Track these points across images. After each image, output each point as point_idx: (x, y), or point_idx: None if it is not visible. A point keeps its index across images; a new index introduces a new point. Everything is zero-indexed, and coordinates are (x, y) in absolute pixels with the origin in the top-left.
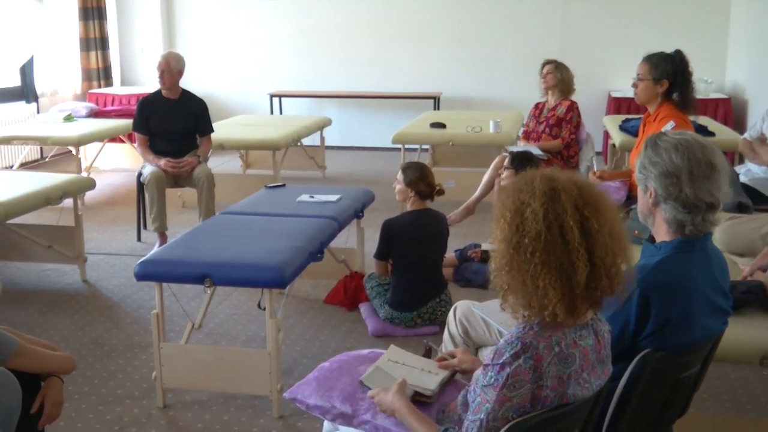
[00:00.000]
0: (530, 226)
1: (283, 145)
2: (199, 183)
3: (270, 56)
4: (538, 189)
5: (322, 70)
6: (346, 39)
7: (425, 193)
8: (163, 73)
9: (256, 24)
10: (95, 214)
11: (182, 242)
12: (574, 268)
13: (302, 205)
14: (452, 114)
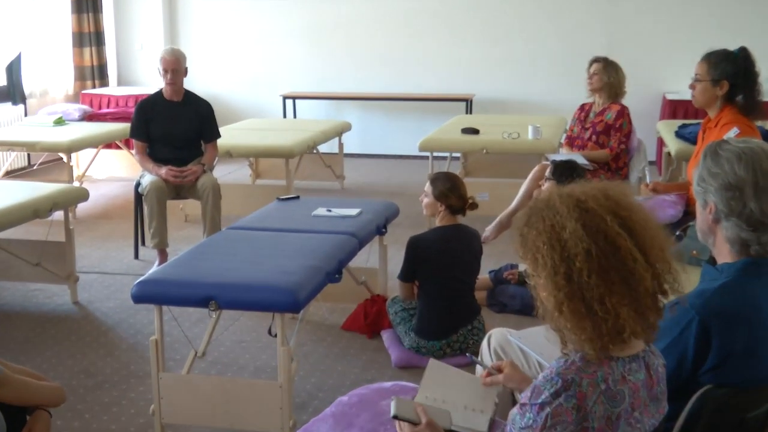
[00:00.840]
0: (575, 247)
1: (297, 152)
2: (203, 194)
3: (283, 53)
4: (564, 206)
5: (341, 69)
6: (367, 34)
7: (456, 207)
8: (172, 73)
9: (268, 18)
10: (88, 229)
11: (184, 260)
12: (635, 275)
13: (318, 219)
14: (486, 118)
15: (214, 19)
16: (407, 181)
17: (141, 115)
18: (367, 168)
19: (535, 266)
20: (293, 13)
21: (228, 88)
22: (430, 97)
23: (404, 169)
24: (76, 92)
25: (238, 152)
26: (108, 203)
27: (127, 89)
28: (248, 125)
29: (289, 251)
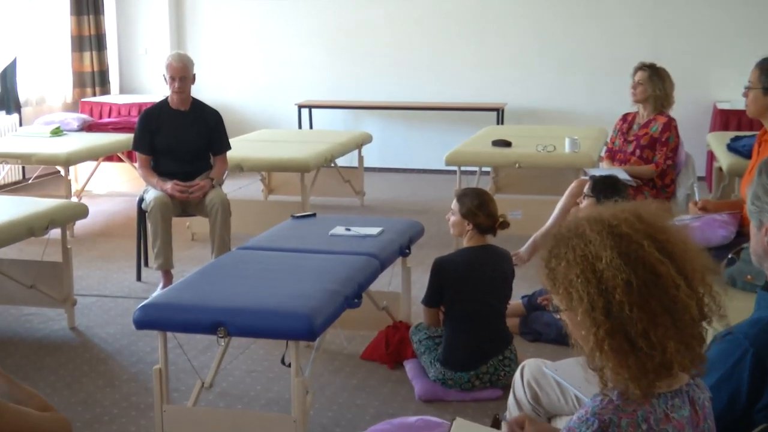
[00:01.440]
0: (614, 278)
1: (313, 165)
2: (212, 211)
3: (298, 59)
4: (596, 233)
5: (361, 76)
6: (390, 38)
7: (485, 226)
8: (179, 81)
9: (282, 21)
10: (87, 248)
11: (191, 283)
12: (678, 304)
13: (336, 239)
14: (519, 129)
15: (224, 22)
16: (433, 197)
17: (145, 126)
18: (389, 183)
19: (569, 302)
20: (310, 16)
21: (239, 97)
22: (458, 107)
23: (429, 184)
24: (75, 100)
25: (249, 166)
26: (109, 220)
27: (130, 97)
28: (260, 136)
29: (304, 274)
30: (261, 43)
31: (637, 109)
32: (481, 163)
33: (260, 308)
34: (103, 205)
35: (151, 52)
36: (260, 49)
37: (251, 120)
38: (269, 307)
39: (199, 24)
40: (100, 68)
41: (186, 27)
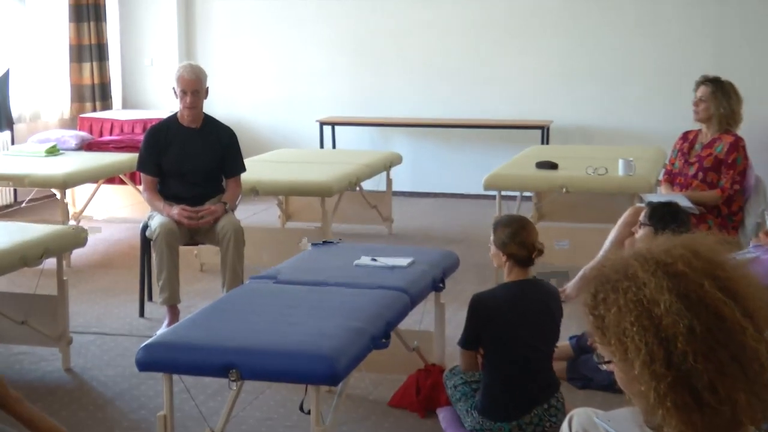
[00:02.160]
0: (674, 325)
1: (335, 189)
2: (223, 239)
3: (320, 71)
4: (649, 274)
5: (390, 90)
6: (422, 48)
7: (521, 258)
8: (191, 95)
9: (302, 29)
10: (85, 280)
11: (200, 319)
12: (746, 349)
13: (361, 270)
14: (566, 150)
15: (239, 30)
16: (469, 225)
17: (151, 144)
18: (421, 209)
19: (623, 353)
20: (333, 24)
21: (254, 113)
22: (499, 124)
23: (466, 211)
24: (73, 116)
25: (265, 189)
26: (109, 249)
27: (134, 113)
28: (278, 157)
29: (325, 310)
30: (279, 53)
31: (700, 126)
32: (524, 188)
33: (276, 348)
34: (104, 232)
35: (157, 62)
36: (278, 60)
37: (268, 138)
38: (287, 348)
39: (210, 32)
40: (101, 81)
41: (196, 35)
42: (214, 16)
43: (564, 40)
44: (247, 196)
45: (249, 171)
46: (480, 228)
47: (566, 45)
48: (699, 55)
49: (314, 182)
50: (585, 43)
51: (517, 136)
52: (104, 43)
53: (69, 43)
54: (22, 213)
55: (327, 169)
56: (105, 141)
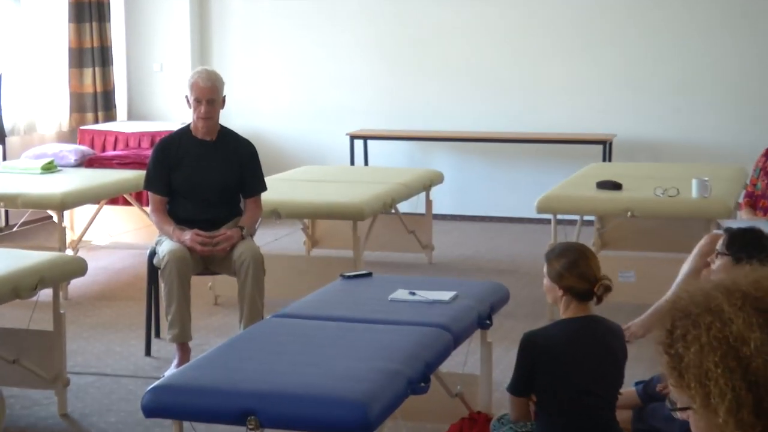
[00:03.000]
0: (765, 367)
1: (368, 212)
2: (241, 269)
3: (351, 78)
4: (737, 308)
5: (429, 100)
6: (465, 53)
7: (580, 292)
8: (207, 105)
9: (331, 32)
10: (85, 314)
11: (214, 359)
12: None
13: (397, 305)
14: (631, 168)
15: (259, 32)
16: (521, 254)
17: (160, 160)
18: (465, 235)
19: (705, 399)
20: (366, 25)
21: (276, 125)
22: (554, 138)
23: (516, 237)
24: (73, 128)
25: (288, 211)
26: (112, 279)
27: (141, 125)
28: (303, 174)
29: (357, 349)
30: (305, 58)
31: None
32: (583, 211)
33: (301, 393)
34: (106, 259)
35: (167, 68)
36: (304, 66)
37: (292, 154)
38: (312, 392)
39: (228, 34)
40: (104, 88)
41: (212, 37)
42: (232, 15)
43: (628, 43)
44: (268, 219)
45: (270, 190)
46: (532, 257)
47: (631, 48)
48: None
49: (344, 204)
50: (652, 48)
51: (575, 152)
52: (108, 45)
53: (68, 45)
54: (14, 238)
55: (358, 188)
56: (108, 156)
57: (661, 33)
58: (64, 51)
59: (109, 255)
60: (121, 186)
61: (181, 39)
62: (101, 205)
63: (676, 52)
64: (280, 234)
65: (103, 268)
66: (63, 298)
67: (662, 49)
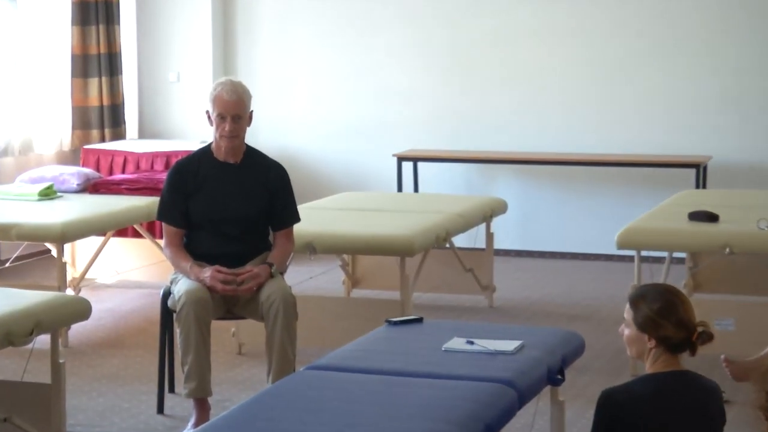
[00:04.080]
0: None
1: (418, 246)
2: (269, 312)
3: (397, 91)
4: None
5: (489, 116)
6: (531, 62)
7: (674, 342)
8: (232, 121)
9: (374, 38)
10: (87, 364)
11: (238, 419)
12: None
13: (453, 357)
14: (729, 196)
15: (292, 37)
16: (598, 297)
17: (177, 185)
18: (532, 274)
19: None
20: (415, 30)
21: (311, 145)
22: (637, 161)
23: (594, 277)
24: (75, 147)
25: (325, 246)
26: (119, 324)
27: (155, 144)
28: (342, 202)
29: (404, 408)
30: (344, 68)
31: None
32: (673, 247)
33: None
34: (112, 300)
35: (186, 78)
36: (343, 77)
37: (329, 179)
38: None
39: (255, 39)
40: (112, 101)
41: (237, 43)
42: (260, 18)
43: (726, 50)
44: (301, 254)
45: (304, 221)
46: (612, 301)
47: (730, 57)
48: None
49: (390, 237)
50: (755, 56)
51: (663, 177)
52: (117, 52)
53: (71, 52)
54: (7, 275)
55: (407, 219)
56: (116, 181)
57: (762, 38)
58: (66, 58)
59: (116, 295)
60: (130, 215)
61: (201, 45)
62: (107, 238)
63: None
64: (315, 272)
65: (109, 311)
66: (62, 345)
67: (762, 59)
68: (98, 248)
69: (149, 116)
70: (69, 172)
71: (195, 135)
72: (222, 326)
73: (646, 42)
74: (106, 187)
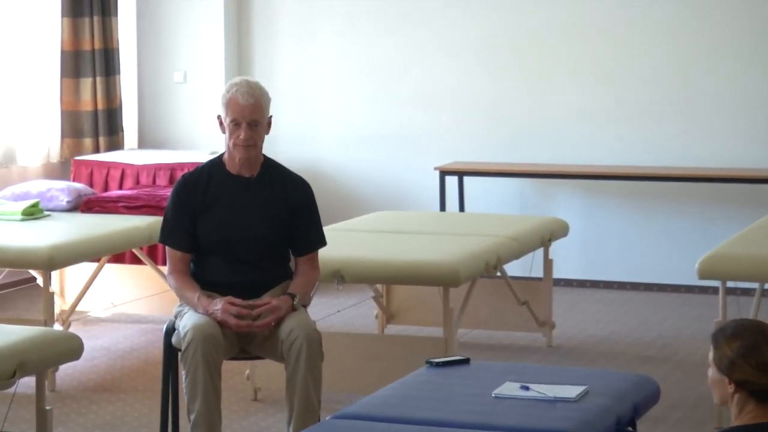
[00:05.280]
0: None
1: (464, 275)
2: (291, 352)
3: (438, 94)
4: None
5: (547, 122)
6: (596, 59)
7: (758, 389)
8: (248, 129)
9: (413, 32)
10: (78, 411)
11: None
12: None
13: (505, 404)
14: None
15: (316, 32)
16: (677, 335)
17: (183, 203)
18: (598, 308)
19: None
20: (458, 23)
21: (338, 157)
22: (723, 176)
23: (671, 311)
24: (65, 158)
25: (354, 274)
26: (115, 364)
27: (157, 155)
28: (375, 223)
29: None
30: (377, 66)
31: None
32: (764, 277)
33: None
34: (107, 337)
35: (193, 78)
36: (376, 78)
37: (360, 195)
38: None
39: (275, 33)
40: (108, 105)
41: (253, 38)
42: (280, 8)
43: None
44: (327, 284)
45: (331, 245)
46: (692, 339)
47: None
48: None
49: (431, 264)
50: None
51: (755, 195)
52: (114, 48)
53: (61, 48)
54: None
55: (451, 243)
56: (112, 197)
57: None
58: (55, 55)
59: (111, 331)
60: (128, 238)
61: (212, 39)
62: (102, 264)
63: None
64: (344, 304)
65: (103, 349)
66: (49, 389)
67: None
68: (91, 276)
69: (151, 122)
70: (58, 187)
71: (204, 144)
72: (235, 367)
73: (733, 34)
74: (101, 205)
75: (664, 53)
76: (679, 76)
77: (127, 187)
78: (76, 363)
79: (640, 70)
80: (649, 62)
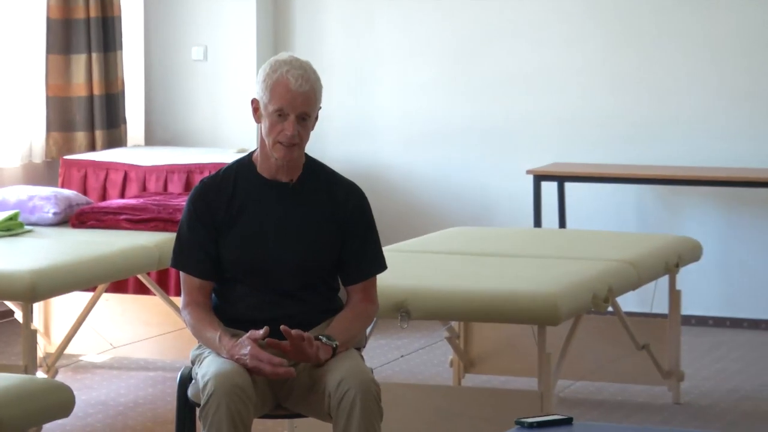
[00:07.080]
0: None
1: (565, 311)
2: (341, 407)
3: (530, 82)
4: None
5: (671, 116)
6: (744, 35)
7: None
8: (295, 122)
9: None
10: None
11: None
12: None
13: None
14: None
15: (374, 6)
16: None
17: (202, 217)
18: (741, 353)
19: None
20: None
21: (402, 159)
22: None
23: None
24: (52, 158)
25: (423, 309)
26: (115, 423)
27: (169, 153)
28: (449, 243)
29: None
30: (450, 47)
31: None
32: None
33: None
34: (105, 387)
35: (215, 55)
36: (449, 61)
37: (430, 207)
38: None
39: (321, 4)
40: (107, 90)
41: (293, 8)
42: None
43: None
44: (387, 320)
45: (392, 270)
46: None
47: None
48: None
49: (523, 296)
50: None
51: None
52: (115, 16)
53: (46, 16)
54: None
55: (548, 268)
56: (111, 208)
57: None
58: (40, 25)
59: (110, 380)
60: (132, 261)
61: (241, 7)
62: (98, 294)
63: None
64: (409, 347)
65: (100, 404)
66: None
67: None
68: (84, 310)
69: (162, 112)
70: (42, 194)
71: (229, 140)
72: (269, 427)
73: None
74: (97, 218)
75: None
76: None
77: (130, 195)
78: (65, 421)
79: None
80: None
